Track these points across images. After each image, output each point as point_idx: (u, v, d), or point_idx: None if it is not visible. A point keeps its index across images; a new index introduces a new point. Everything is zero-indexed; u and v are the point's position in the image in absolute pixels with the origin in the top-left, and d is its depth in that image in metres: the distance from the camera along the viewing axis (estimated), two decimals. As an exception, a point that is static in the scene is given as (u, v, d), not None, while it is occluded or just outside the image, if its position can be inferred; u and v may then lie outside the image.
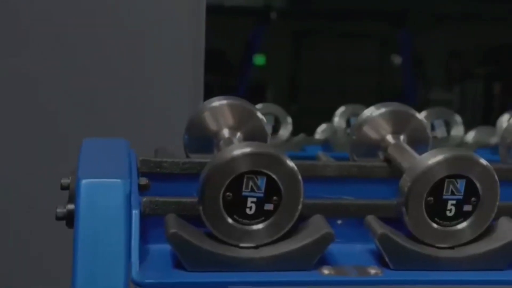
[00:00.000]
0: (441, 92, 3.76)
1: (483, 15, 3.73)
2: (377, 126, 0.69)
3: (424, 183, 0.56)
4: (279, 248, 0.54)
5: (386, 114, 0.69)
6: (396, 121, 0.69)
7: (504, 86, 3.66)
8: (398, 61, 3.77)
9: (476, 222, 0.57)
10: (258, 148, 0.54)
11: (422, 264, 0.56)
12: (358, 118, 0.70)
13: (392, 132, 0.69)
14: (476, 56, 4.02)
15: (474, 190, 0.56)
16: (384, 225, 0.57)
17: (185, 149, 0.67)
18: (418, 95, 3.72)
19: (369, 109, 0.70)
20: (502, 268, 0.56)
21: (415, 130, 0.69)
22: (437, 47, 3.85)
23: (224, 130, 0.66)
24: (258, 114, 0.67)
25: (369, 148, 0.69)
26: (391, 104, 0.70)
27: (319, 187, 0.67)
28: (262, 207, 0.54)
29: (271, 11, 3.39)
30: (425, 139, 0.69)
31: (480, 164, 0.56)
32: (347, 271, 0.55)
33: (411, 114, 0.69)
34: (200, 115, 0.67)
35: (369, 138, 0.69)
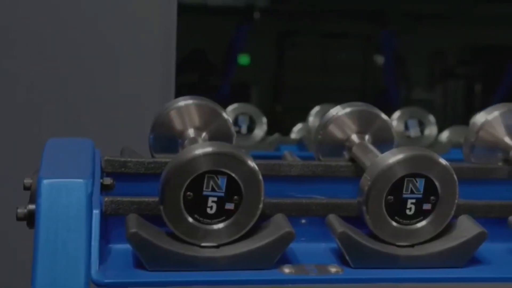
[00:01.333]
0: (423, 91, 3.79)
1: (465, 16, 3.76)
2: (342, 126, 0.69)
3: (384, 182, 0.56)
4: (240, 247, 0.55)
5: (351, 113, 0.70)
6: (361, 121, 0.69)
7: (485, 85, 3.69)
8: (381, 61, 3.79)
9: (436, 221, 0.58)
10: (218, 147, 0.54)
11: (382, 262, 0.56)
12: (324, 117, 0.70)
13: (357, 131, 0.69)
14: (457, 56, 4.05)
15: (433, 189, 0.57)
16: (345, 223, 0.57)
17: (150, 149, 0.67)
18: (400, 95, 3.75)
19: (335, 108, 0.71)
20: (461, 266, 0.57)
21: (380, 130, 0.70)
22: (419, 47, 3.88)
23: (189, 130, 0.66)
24: (224, 114, 0.68)
25: (334, 148, 0.70)
26: (357, 104, 0.71)
27: (285, 187, 0.67)
28: (223, 207, 0.55)
29: (255, 11, 3.39)
30: (390, 139, 0.70)
31: (439, 164, 0.57)
32: (307, 270, 0.55)
33: (376, 114, 0.70)
34: (165, 114, 0.67)
35: (334, 138, 0.69)
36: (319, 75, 4.45)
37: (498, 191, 0.69)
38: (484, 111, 0.71)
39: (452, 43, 3.95)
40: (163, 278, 0.53)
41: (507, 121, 0.70)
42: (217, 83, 3.65)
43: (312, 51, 4.33)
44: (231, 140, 0.67)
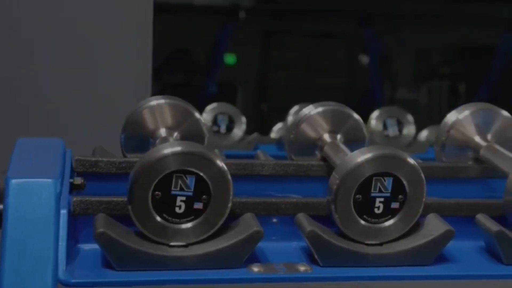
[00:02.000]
0: (407, 91, 3.81)
1: (449, 16, 3.78)
2: (314, 125, 0.70)
3: (352, 181, 0.57)
4: (208, 247, 0.55)
5: (324, 113, 0.70)
6: (333, 120, 0.70)
7: (469, 85, 3.72)
8: (366, 61, 3.81)
9: (404, 219, 0.58)
10: (187, 147, 0.55)
11: (351, 260, 0.57)
12: (296, 117, 0.71)
13: (329, 131, 0.70)
14: (442, 56, 4.07)
15: (401, 188, 0.58)
16: (314, 222, 0.58)
17: (122, 148, 0.67)
18: (385, 95, 3.77)
19: (307, 108, 0.71)
20: (428, 264, 0.58)
21: (352, 129, 0.70)
22: (404, 47, 3.90)
23: (161, 130, 0.67)
24: (196, 114, 0.68)
25: (307, 147, 0.70)
26: (329, 103, 0.71)
27: (257, 186, 0.68)
28: (192, 206, 0.55)
29: (240, 10, 3.39)
30: (362, 138, 0.70)
31: (407, 163, 0.58)
32: (276, 269, 0.56)
33: (348, 114, 0.70)
34: (137, 114, 0.67)
35: (307, 137, 0.70)
36: (305, 74, 4.46)
37: (469, 190, 0.70)
38: (455, 110, 0.72)
39: (437, 43, 3.98)
40: (131, 278, 0.53)
41: (478, 120, 0.71)
42: (203, 82, 3.64)
43: (298, 50, 4.34)
44: (203, 140, 0.67)
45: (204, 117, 1.19)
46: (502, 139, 0.70)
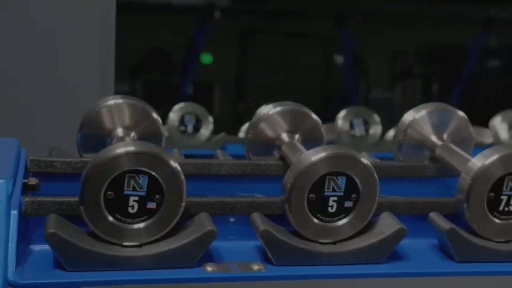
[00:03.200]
0: (382, 91, 3.84)
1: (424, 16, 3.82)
2: (272, 125, 0.70)
3: (305, 180, 0.57)
4: (162, 246, 0.55)
5: (282, 113, 0.70)
6: (292, 120, 0.70)
7: (443, 85, 3.76)
8: (341, 60, 3.83)
9: (357, 218, 0.59)
10: (139, 147, 0.55)
11: (304, 259, 0.57)
12: (254, 116, 0.71)
13: (287, 130, 0.70)
14: (416, 56, 4.12)
15: (355, 187, 0.58)
16: (268, 221, 0.58)
17: (78, 148, 0.67)
18: (360, 94, 3.79)
19: (266, 107, 0.71)
20: (381, 262, 0.58)
21: (310, 129, 0.71)
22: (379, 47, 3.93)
23: (118, 129, 0.66)
24: (154, 114, 0.68)
25: (265, 146, 0.70)
26: (287, 103, 0.72)
27: (215, 185, 0.68)
28: (145, 206, 0.55)
29: (215, 9, 3.39)
30: (320, 138, 0.71)
31: (360, 162, 0.58)
32: (230, 268, 0.56)
33: (307, 114, 0.71)
34: (94, 113, 0.67)
35: (265, 136, 0.70)
36: (283, 74, 4.47)
37: (425, 189, 0.71)
38: (413, 110, 0.73)
39: (411, 43, 4.02)
40: (83, 278, 0.52)
41: (434, 120, 0.72)
42: (179, 82, 3.63)
43: (275, 50, 4.35)
44: (160, 140, 0.67)
45: (171, 116, 1.19)
46: (458, 138, 0.71)
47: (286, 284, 0.57)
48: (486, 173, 0.59)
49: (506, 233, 0.61)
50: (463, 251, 0.59)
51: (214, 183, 0.67)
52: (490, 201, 0.60)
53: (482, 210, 0.60)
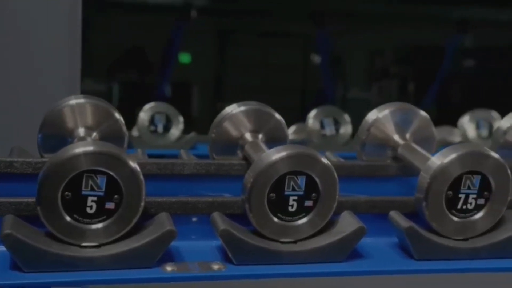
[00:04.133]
0: (359, 90, 3.86)
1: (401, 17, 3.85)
2: (236, 124, 0.70)
3: (265, 179, 0.57)
4: (120, 247, 0.55)
5: (245, 112, 0.71)
6: (255, 120, 0.71)
7: (418, 84, 3.80)
8: (318, 60, 3.84)
9: (317, 217, 0.59)
10: (98, 147, 0.54)
11: (265, 258, 0.57)
12: (218, 115, 0.71)
13: (250, 130, 0.70)
14: (393, 56, 4.14)
15: (315, 186, 0.59)
16: (229, 221, 0.58)
17: (39, 148, 0.66)
18: (337, 94, 3.81)
19: (229, 107, 0.71)
20: (342, 260, 0.59)
21: (274, 129, 0.71)
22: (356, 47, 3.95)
23: (79, 129, 0.66)
24: (116, 114, 0.67)
25: (229, 146, 0.70)
26: (251, 103, 0.72)
27: (178, 185, 0.68)
28: (103, 206, 0.55)
29: (192, 9, 3.38)
30: (283, 138, 0.71)
31: (320, 162, 0.58)
32: (190, 267, 0.56)
33: (270, 114, 0.71)
34: (55, 113, 0.66)
35: (228, 136, 0.70)
36: (262, 73, 4.48)
37: (388, 188, 0.72)
38: (376, 109, 0.73)
39: (388, 43, 4.04)
40: (40, 279, 0.52)
41: (397, 119, 0.72)
42: (156, 81, 3.61)
43: (254, 50, 4.35)
44: (123, 140, 0.67)
45: (141, 116, 1.19)
46: (420, 138, 0.72)
47: (247, 283, 0.57)
48: (444, 172, 0.60)
49: (464, 231, 0.62)
50: (422, 249, 0.60)
51: (177, 183, 0.67)
52: (449, 199, 0.61)
53: (440, 209, 0.61)
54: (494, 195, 0.61)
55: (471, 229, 0.62)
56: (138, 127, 1.16)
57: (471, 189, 0.61)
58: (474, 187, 0.61)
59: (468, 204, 0.61)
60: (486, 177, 0.61)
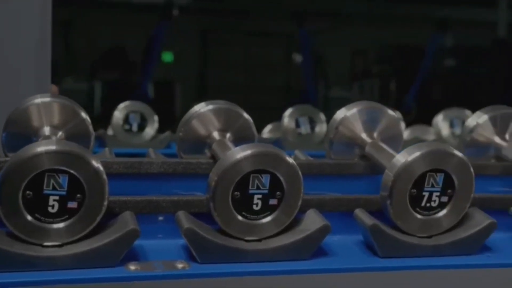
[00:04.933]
0: (341, 90, 3.88)
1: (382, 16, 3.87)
2: (204, 123, 0.70)
3: (230, 178, 0.58)
4: (83, 246, 0.55)
5: (214, 111, 0.71)
6: (223, 119, 0.71)
7: (399, 83, 3.82)
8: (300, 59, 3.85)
9: (282, 215, 0.59)
10: (60, 146, 0.54)
11: (229, 257, 0.58)
12: (186, 114, 0.71)
13: (218, 129, 0.70)
14: (374, 56, 4.17)
15: (279, 185, 0.59)
16: (193, 219, 0.58)
17: (3, 147, 0.66)
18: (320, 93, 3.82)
19: (198, 105, 0.71)
20: (306, 258, 0.59)
21: (242, 128, 0.71)
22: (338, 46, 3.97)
23: (45, 128, 0.65)
24: (83, 114, 0.67)
25: (196, 145, 0.70)
26: (219, 102, 0.72)
27: (145, 184, 0.67)
28: (65, 205, 0.54)
29: (174, 8, 3.37)
30: (251, 137, 0.71)
31: (285, 161, 0.59)
32: (154, 266, 0.56)
33: (238, 113, 0.71)
34: (20, 112, 0.66)
35: (196, 135, 0.70)
36: (245, 73, 4.48)
37: (356, 186, 0.72)
38: (344, 108, 0.74)
39: (370, 42, 4.07)
40: (1, 279, 0.52)
41: (365, 118, 0.73)
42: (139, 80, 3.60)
43: (237, 49, 4.35)
44: (89, 139, 0.66)
45: (115, 115, 1.18)
46: (387, 136, 0.73)
47: (213, 282, 0.57)
48: (408, 170, 0.60)
49: (428, 229, 0.62)
50: (386, 247, 0.60)
51: (145, 182, 0.67)
52: (413, 197, 0.61)
53: (405, 206, 0.61)
54: (458, 193, 0.62)
55: (435, 226, 0.62)
56: (112, 126, 1.15)
57: (434, 187, 0.61)
58: (437, 185, 0.61)
59: (432, 202, 0.62)
60: (450, 175, 0.61)
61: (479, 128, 0.75)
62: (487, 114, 0.76)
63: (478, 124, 0.76)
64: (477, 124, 0.76)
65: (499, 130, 0.75)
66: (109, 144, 1.12)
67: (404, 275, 0.60)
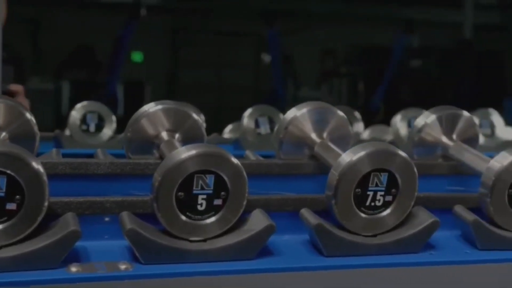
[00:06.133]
0: (309, 89, 3.90)
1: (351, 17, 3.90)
2: (153, 123, 0.70)
3: (174, 178, 0.57)
4: (23, 248, 0.54)
5: (162, 111, 0.70)
6: (172, 119, 0.70)
7: (367, 83, 3.86)
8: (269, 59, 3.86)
9: (226, 216, 0.59)
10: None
11: (173, 257, 0.57)
12: (135, 114, 0.70)
13: (167, 129, 0.70)
14: (343, 56, 4.19)
15: (224, 185, 0.59)
16: (137, 220, 0.58)
17: None
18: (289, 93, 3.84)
19: (147, 105, 0.71)
20: (251, 258, 0.59)
21: (191, 128, 0.71)
22: (307, 46, 3.98)
23: (-13, 129, 0.65)
24: (27, 114, 0.66)
25: (145, 145, 0.70)
26: (168, 102, 0.71)
27: (92, 185, 0.67)
28: (4, 207, 0.54)
29: (142, 7, 3.35)
30: (200, 137, 0.71)
31: (229, 161, 0.59)
32: (96, 268, 0.55)
33: (187, 113, 0.71)
34: (-39, 113, 0.64)
35: (145, 135, 0.70)
36: (215, 72, 4.46)
37: (305, 186, 0.72)
38: (295, 108, 0.74)
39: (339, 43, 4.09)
40: None
41: (315, 118, 0.73)
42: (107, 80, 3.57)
43: (207, 49, 4.34)
44: (34, 141, 0.66)
45: (72, 115, 1.17)
46: (336, 136, 0.73)
47: (156, 283, 0.57)
48: (352, 169, 0.61)
49: (373, 228, 0.63)
50: (331, 246, 0.61)
51: (92, 183, 0.67)
52: (357, 196, 0.62)
53: (349, 206, 0.62)
54: (402, 192, 0.63)
55: (379, 225, 0.63)
56: (69, 126, 1.14)
57: (379, 186, 0.62)
58: (382, 184, 0.62)
59: (377, 201, 0.62)
60: (393, 174, 0.62)
61: (427, 128, 0.77)
62: (435, 114, 0.77)
63: (426, 124, 0.77)
64: (425, 124, 0.77)
65: (446, 130, 0.77)
66: (66, 145, 1.11)
67: (349, 273, 0.61)
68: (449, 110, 0.77)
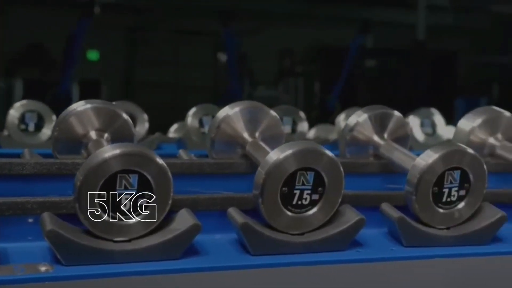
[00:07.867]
0: (266, 89, 3.91)
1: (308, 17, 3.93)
2: (81, 122, 0.69)
3: (96, 177, 0.56)
4: None
5: (92, 110, 0.69)
6: (102, 119, 0.69)
7: (324, 83, 3.89)
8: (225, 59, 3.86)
9: (151, 215, 0.59)
10: None
11: (96, 258, 0.57)
12: (63, 112, 0.69)
13: (96, 129, 0.69)
14: (299, 55, 4.22)
15: (148, 185, 0.58)
16: (59, 221, 0.57)
17: None
18: (244, 92, 3.84)
19: (76, 103, 0.70)
20: (176, 257, 0.59)
21: (121, 128, 0.70)
22: (264, 46, 3.99)
23: None
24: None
25: (73, 145, 0.69)
26: (97, 101, 0.71)
27: (17, 186, 0.65)
28: None
29: (95, 5, 3.30)
30: (129, 136, 0.70)
31: (153, 161, 0.58)
32: (14, 270, 0.54)
33: (117, 113, 0.70)
34: None
35: (73, 134, 0.69)
36: (172, 71, 4.44)
37: (237, 185, 0.72)
38: (228, 106, 0.74)
39: (295, 42, 4.12)
40: None
41: (247, 117, 0.73)
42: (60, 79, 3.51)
43: (165, 47, 4.31)
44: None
45: (11, 114, 1.14)
46: (268, 136, 0.73)
47: (77, 284, 0.56)
48: (279, 168, 0.61)
49: (299, 226, 0.63)
50: (258, 245, 0.61)
51: (17, 184, 0.65)
52: (284, 195, 0.62)
53: (276, 204, 0.62)
54: (328, 191, 0.63)
55: (306, 223, 0.63)
56: (7, 126, 1.11)
57: (305, 185, 0.63)
58: (308, 183, 0.63)
59: (303, 200, 0.63)
60: (320, 173, 0.63)
61: (358, 127, 0.77)
62: (366, 113, 0.78)
63: (358, 123, 0.78)
64: (357, 123, 0.78)
65: (377, 129, 0.78)
66: (4, 145, 1.08)
67: (275, 272, 0.61)
68: (381, 109, 0.78)
